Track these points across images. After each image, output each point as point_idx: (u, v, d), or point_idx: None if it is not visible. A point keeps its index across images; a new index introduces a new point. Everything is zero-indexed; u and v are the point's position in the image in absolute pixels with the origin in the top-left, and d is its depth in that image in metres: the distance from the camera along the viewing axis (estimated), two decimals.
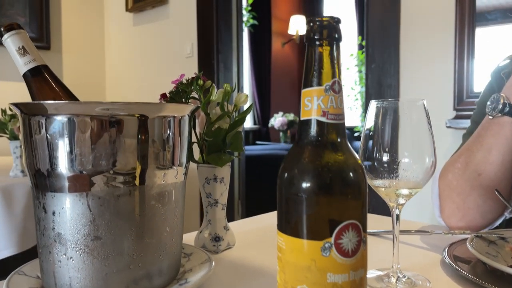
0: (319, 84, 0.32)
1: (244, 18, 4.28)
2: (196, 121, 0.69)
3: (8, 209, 1.42)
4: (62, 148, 0.41)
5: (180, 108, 0.48)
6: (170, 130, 0.46)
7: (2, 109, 1.61)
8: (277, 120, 4.80)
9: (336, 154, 0.31)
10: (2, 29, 0.50)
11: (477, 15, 1.53)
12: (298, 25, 5.10)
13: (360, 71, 6.07)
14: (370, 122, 0.52)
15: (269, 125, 4.94)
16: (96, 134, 0.41)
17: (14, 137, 1.60)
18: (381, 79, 1.78)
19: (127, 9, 3.02)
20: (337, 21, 0.32)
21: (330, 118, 0.31)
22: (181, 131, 0.48)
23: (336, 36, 0.32)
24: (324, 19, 0.32)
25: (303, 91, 0.32)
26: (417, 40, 1.71)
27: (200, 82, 0.63)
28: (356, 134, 5.92)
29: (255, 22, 4.52)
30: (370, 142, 0.52)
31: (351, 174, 0.31)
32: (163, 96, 0.65)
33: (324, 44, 0.32)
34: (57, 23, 3.02)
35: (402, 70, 1.74)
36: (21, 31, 0.50)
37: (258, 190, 2.94)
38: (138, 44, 3.07)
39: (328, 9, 5.69)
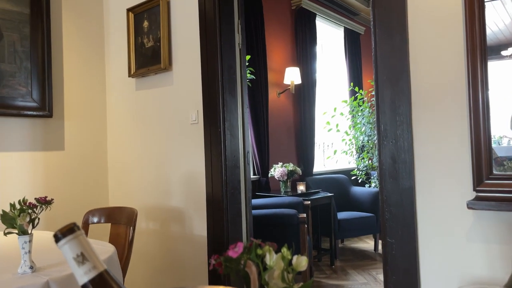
0: None
1: None
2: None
3: None
4: None
5: None
6: None
7: (11, 203, 1.55)
8: (277, 171, 4.79)
9: None
10: (58, 234, 0.46)
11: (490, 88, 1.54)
12: (292, 76, 5.20)
13: (353, 116, 6.16)
14: None
15: (269, 175, 4.92)
16: None
17: (23, 232, 1.54)
18: (395, 155, 1.77)
19: (129, 75, 3.03)
20: None
21: None
22: None
23: None
24: None
25: None
26: (429, 117, 1.71)
27: (259, 251, 0.60)
28: (353, 178, 5.92)
29: (253, 76, 4.58)
30: None
31: None
32: (218, 265, 0.62)
33: None
34: (59, 91, 3.02)
35: (416, 147, 1.74)
36: (79, 233, 0.47)
37: None
38: (141, 109, 3.06)
39: (321, 60, 5.83)
